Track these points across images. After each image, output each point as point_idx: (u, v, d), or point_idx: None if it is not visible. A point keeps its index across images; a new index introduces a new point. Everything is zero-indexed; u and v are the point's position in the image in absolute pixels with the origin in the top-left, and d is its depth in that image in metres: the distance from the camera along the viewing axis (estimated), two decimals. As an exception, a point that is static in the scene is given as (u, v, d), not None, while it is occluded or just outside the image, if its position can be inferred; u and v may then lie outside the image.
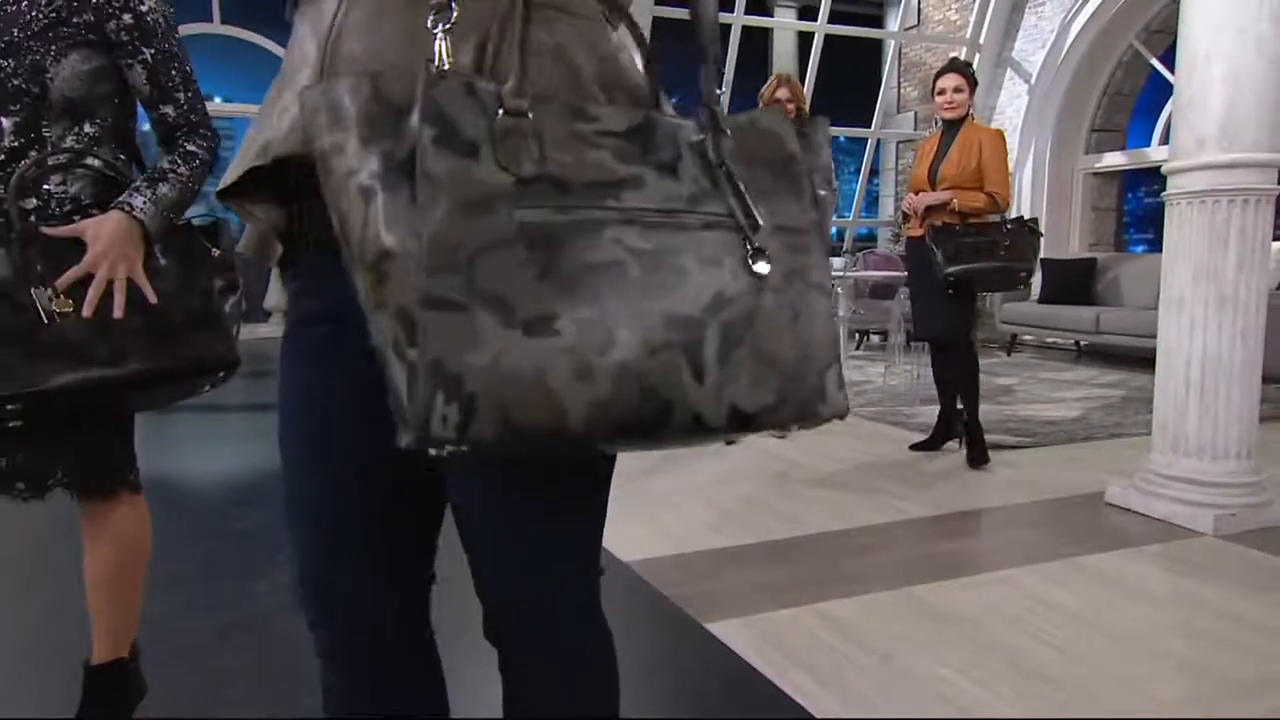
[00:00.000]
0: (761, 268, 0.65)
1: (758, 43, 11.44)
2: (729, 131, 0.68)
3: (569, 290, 0.58)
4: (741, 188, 0.66)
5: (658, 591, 2.21)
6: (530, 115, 0.61)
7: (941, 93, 3.45)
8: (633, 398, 0.59)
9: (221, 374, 1.37)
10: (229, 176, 0.74)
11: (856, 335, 7.56)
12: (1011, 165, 7.89)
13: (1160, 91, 7.26)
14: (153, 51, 1.33)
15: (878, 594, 2.19)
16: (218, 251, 1.36)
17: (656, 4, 7.24)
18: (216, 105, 8.21)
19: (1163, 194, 2.77)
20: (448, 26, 0.63)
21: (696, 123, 0.68)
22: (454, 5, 0.63)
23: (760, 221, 0.66)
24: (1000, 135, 3.49)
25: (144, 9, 1.32)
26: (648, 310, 0.60)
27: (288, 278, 0.83)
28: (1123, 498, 2.88)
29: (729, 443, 0.68)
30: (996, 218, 3.41)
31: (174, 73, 1.36)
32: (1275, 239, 4.47)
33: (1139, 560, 2.44)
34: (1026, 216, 4.12)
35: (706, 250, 0.64)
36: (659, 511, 2.87)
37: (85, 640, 1.48)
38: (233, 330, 1.36)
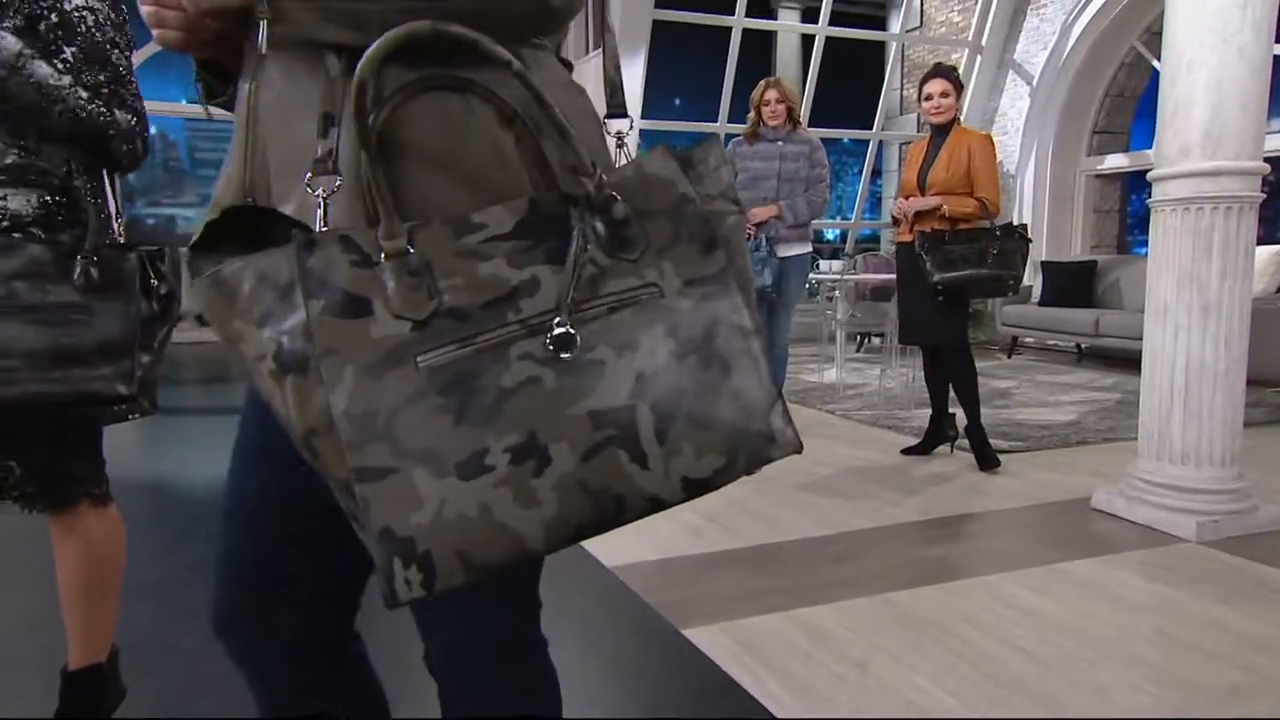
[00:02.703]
0: (677, 339, 0.63)
1: (761, 46, 11.45)
2: (617, 195, 0.66)
3: (491, 421, 0.59)
4: (573, 272, 0.63)
5: (638, 597, 2.23)
6: (412, 250, 0.61)
7: (928, 98, 3.45)
8: (583, 504, 0.60)
9: (121, 408, 1.32)
10: (196, 234, 0.78)
11: (857, 338, 7.56)
12: (1013, 168, 7.90)
13: (1162, 93, 7.24)
14: (74, 50, 1.28)
15: (857, 600, 2.20)
16: (157, 281, 1.32)
17: (656, 6, 7.27)
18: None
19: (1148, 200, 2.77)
20: (333, 190, 0.64)
21: (586, 192, 0.66)
22: (335, 158, 0.64)
23: (664, 291, 0.64)
24: (989, 139, 3.50)
25: (69, 6, 1.27)
26: (573, 417, 0.60)
27: None
28: (1108, 503, 2.89)
29: None
30: (987, 223, 3.42)
31: (99, 73, 1.30)
32: (1267, 244, 4.46)
33: (1120, 567, 2.45)
34: (1020, 221, 4.14)
35: (619, 334, 0.62)
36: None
37: (66, 645, 1.50)
38: (137, 368, 1.28)
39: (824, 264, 6.81)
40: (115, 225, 1.37)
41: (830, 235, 11.39)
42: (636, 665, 1.99)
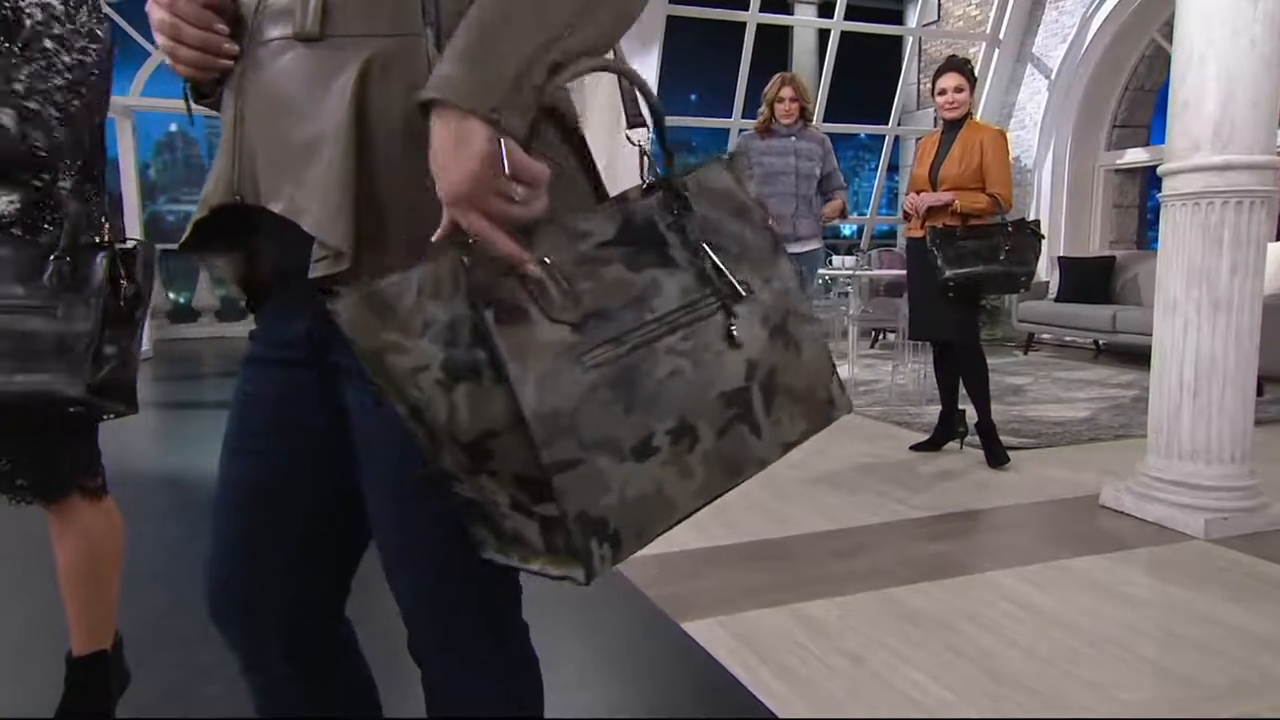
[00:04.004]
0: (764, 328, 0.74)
1: (776, 41, 11.41)
2: (695, 205, 0.73)
3: (652, 409, 0.66)
4: (720, 265, 0.73)
5: (638, 590, 2.24)
6: (548, 260, 0.64)
7: (942, 92, 3.42)
8: (720, 473, 0.70)
9: (76, 409, 1.29)
10: (186, 232, 0.80)
11: (870, 333, 7.52)
12: (1031, 162, 7.82)
13: (1183, 87, 7.12)
14: (13, 45, 1.24)
15: (857, 595, 2.20)
16: (126, 281, 1.28)
17: (670, 2, 7.26)
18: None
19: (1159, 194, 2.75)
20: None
21: (658, 199, 0.72)
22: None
23: (753, 289, 0.74)
24: (1002, 135, 3.47)
25: (23, 3, 1.24)
26: (710, 399, 0.70)
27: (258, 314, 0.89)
28: (1117, 500, 2.87)
29: None
30: (999, 219, 3.39)
31: (23, 73, 1.23)
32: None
33: (1126, 564, 2.43)
34: (1037, 217, 4.11)
35: (730, 327, 0.72)
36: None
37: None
38: (89, 370, 1.25)
39: (836, 259, 6.77)
40: (102, 224, 1.35)
41: (847, 230, 11.33)
42: (631, 657, 2.00)
